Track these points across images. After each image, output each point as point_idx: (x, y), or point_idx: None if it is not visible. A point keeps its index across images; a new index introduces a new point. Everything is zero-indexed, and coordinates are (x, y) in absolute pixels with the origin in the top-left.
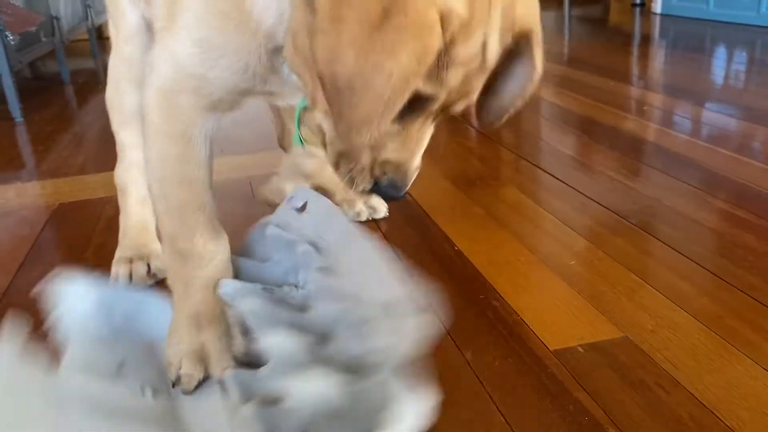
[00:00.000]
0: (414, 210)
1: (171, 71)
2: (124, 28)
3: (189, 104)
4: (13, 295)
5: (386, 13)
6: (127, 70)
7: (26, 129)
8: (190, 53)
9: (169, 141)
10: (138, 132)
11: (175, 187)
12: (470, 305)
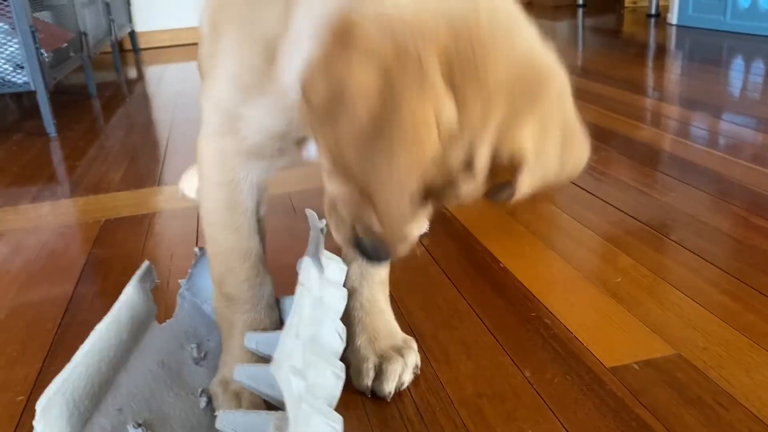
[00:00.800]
0: (454, 226)
1: (213, 115)
2: None
3: (232, 149)
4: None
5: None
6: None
7: (60, 144)
8: (228, 92)
9: (217, 188)
10: None
11: (222, 233)
12: (523, 323)
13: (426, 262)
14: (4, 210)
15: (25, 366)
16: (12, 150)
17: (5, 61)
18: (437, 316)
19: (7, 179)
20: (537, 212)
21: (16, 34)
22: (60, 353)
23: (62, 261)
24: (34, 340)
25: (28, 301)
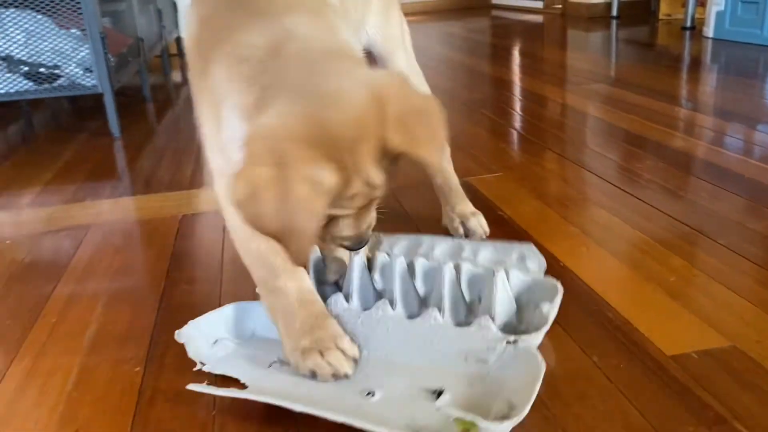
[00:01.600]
0: (512, 227)
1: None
2: None
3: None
4: (171, 296)
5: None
6: None
7: (123, 144)
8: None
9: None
10: None
11: (251, 241)
12: (587, 316)
13: None
14: (87, 204)
15: (135, 342)
16: (82, 149)
17: (76, 65)
18: None
19: (82, 176)
20: (590, 216)
21: (86, 39)
22: (165, 330)
23: (150, 252)
24: (139, 319)
25: (126, 286)
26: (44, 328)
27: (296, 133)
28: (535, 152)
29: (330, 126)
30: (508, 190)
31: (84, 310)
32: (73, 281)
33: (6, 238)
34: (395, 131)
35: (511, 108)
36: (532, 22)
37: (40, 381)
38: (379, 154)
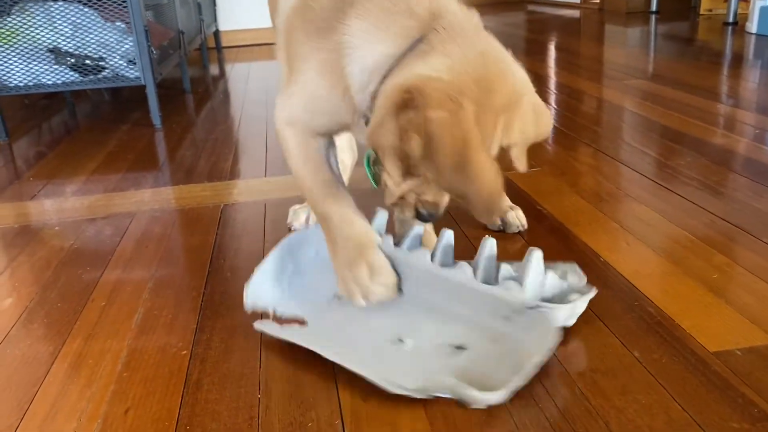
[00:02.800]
0: (553, 223)
1: (290, 114)
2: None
3: (302, 130)
4: (215, 283)
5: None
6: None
7: (164, 135)
8: (301, 113)
9: (295, 147)
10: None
11: (303, 168)
12: (627, 311)
13: None
14: (131, 193)
15: (182, 326)
16: (124, 139)
17: (120, 57)
18: None
19: (126, 166)
20: (629, 212)
21: (131, 32)
22: (209, 316)
23: (193, 240)
24: (184, 305)
25: (170, 273)
26: (94, 311)
27: (467, 92)
28: (573, 147)
29: (491, 93)
30: (547, 184)
31: (131, 295)
32: (120, 267)
33: (54, 225)
34: (523, 124)
35: (548, 102)
36: (568, 17)
37: (91, 362)
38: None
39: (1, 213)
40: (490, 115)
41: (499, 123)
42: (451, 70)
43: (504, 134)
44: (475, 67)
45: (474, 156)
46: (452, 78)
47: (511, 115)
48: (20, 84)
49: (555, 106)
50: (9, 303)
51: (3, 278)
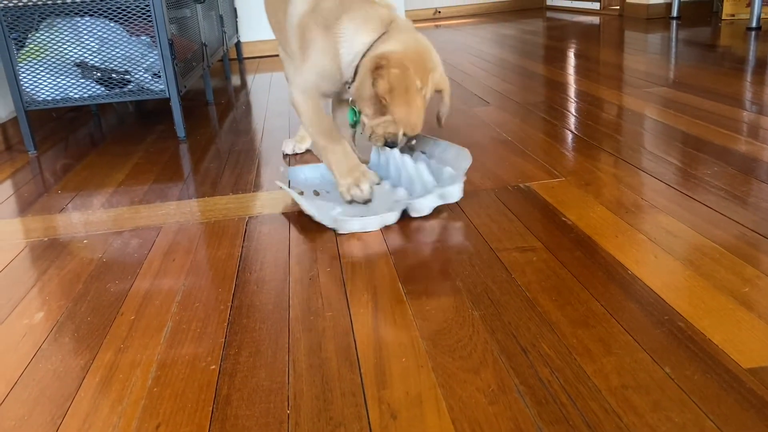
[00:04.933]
0: (578, 234)
1: (304, 84)
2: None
3: (314, 94)
4: (242, 295)
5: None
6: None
7: (189, 147)
8: (314, 79)
9: (310, 108)
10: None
11: (315, 117)
12: (656, 325)
13: (555, 265)
14: (157, 206)
15: (210, 340)
16: (149, 151)
17: (145, 71)
18: (573, 315)
19: (152, 178)
20: (656, 223)
21: (156, 46)
22: (237, 330)
23: (220, 253)
24: (212, 318)
25: (198, 286)
26: (123, 325)
27: (410, 60)
28: (596, 156)
29: (421, 61)
30: (571, 195)
31: (159, 308)
32: (148, 281)
33: (83, 238)
34: (440, 76)
35: (570, 111)
36: (587, 23)
37: (121, 376)
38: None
39: (30, 226)
40: (424, 73)
41: (429, 78)
42: (401, 48)
43: (432, 85)
44: (413, 47)
45: (413, 95)
46: (402, 52)
47: (433, 74)
48: (48, 98)
49: (578, 115)
50: (40, 317)
51: (34, 292)
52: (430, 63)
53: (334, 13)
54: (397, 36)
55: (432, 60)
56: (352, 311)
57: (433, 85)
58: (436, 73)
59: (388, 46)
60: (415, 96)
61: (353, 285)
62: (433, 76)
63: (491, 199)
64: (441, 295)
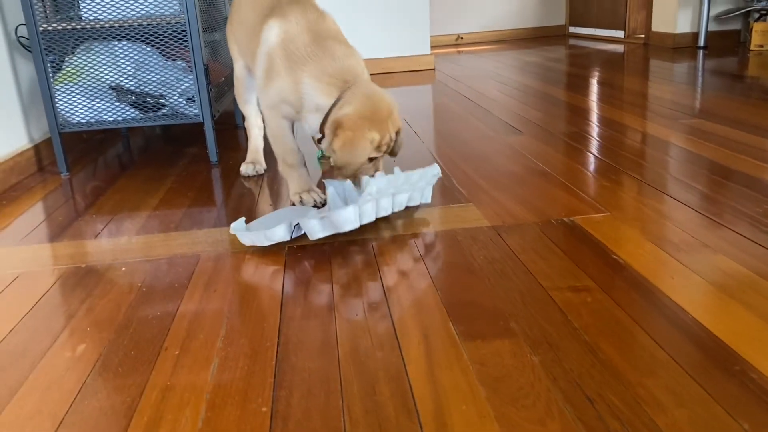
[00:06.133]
0: (633, 275)
1: (270, 101)
2: (238, 69)
3: (278, 113)
4: (288, 332)
5: (353, 147)
6: (240, 85)
7: (221, 172)
8: (277, 101)
9: (275, 125)
10: (249, 108)
11: (282, 138)
12: (728, 376)
13: (611, 307)
14: (193, 233)
15: (259, 379)
16: (182, 175)
17: (179, 95)
18: (637, 363)
19: (187, 203)
20: (712, 263)
21: (191, 70)
22: (287, 369)
23: (261, 283)
24: (259, 356)
25: (242, 320)
26: (168, 361)
27: (363, 117)
28: (639, 190)
29: (377, 114)
30: (618, 231)
31: (204, 343)
32: (190, 313)
33: (120, 266)
34: (397, 119)
35: (604, 141)
36: (612, 51)
37: (170, 417)
38: (392, 129)
39: (66, 252)
40: (381, 123)
41: (388, 125)
42: (355, 109)
43: (392, 128)
44: (368, 104)
45: (356, 151)
46: (357, 113)
47: (390, 120)
48: (83, 120)
49: (611, 145)
50: (82, 349)
51: (75, 322)
52: (385, 112)
53: (299, 59)
54: (352, 98)
55: (386, 108)
56: (403, 352)
57: (393, 128)
58: (392, 117)
59: (344, 109)
60: (358, 154)
61: (402, 323)
62: (391, 121)
63: (536, 234)
64: (496, 338)
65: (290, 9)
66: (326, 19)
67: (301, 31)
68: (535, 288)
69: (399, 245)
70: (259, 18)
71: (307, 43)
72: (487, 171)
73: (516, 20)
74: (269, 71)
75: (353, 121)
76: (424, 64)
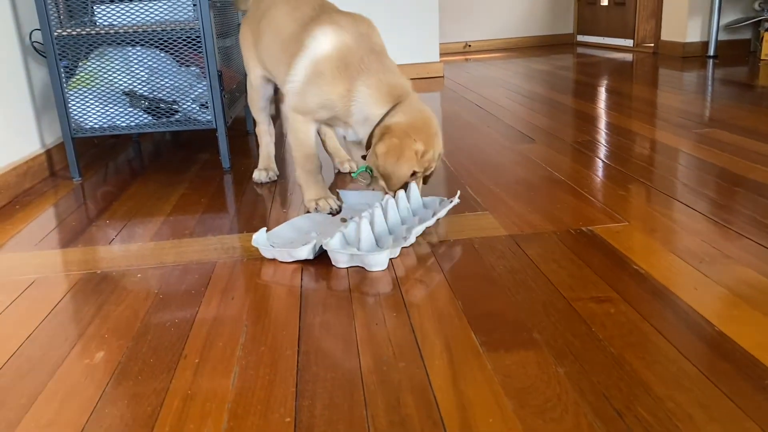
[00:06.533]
0: (654, 285)
1: (303, 107)
2: (254, 77)
3: (310, 119)
4: (308, 340)
5: (400, 155)
6: (255, 92)
7: (233, 178)
8: (315, 107)
9: (303, 130)
10: (263, 115)
11: (305, 142)
12: (758, 390)
13: (635, 318)
14: (208, 239)
15: (281, 389)
16: (195, 181)
17: (192, 101)
18: (665, 375)
19: (200, 209)
20: (734, 274)
21: (204, 77)
22: (309, 379)
23: (279, 290)
24: (280, 364)
25: (262, 328)
26: (188, 369)
27: (413, 128)
28: (656, 200)
29: (426, 129)
30: (638, 242)
31: (223, 351)
32: (208, 320)
33: (136, 272)
34: (439, 142)
35: (618, 150)
36: (620, 60)
37: (192, 426)
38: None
39: (81, 257)
40: (428, 137)
41: (434, 142)
42: (406, 120)
43: (438, 147)
44: (419, 117)
45: (402, 159)
46: (407, 123)
47: (436, 138)
48: (96, 126)
49: (625, 154)
50: (101, 357)
51: (92, 329)
52: (433, 129)
53: (354, 70)
54: (405, 109)
55: (435, 126)
56: (426, 363)
57: (439, 147)
58: (438, 137)
59: (395, 118)
60: (403, 164)
61: (423, 333)
62: (437, 140)
63: (554, 243)
64: (520, 348)
65: (342, 18)
66: (375, 32)
67: (356, 41)
68: (557, 298)
69: (417, 253)
70: (300, 25)
71: (364, 54)
72: (502, 179)
73: (523, 28)
74: (314, 77)
75: (402, 129)
76: (433, 72)
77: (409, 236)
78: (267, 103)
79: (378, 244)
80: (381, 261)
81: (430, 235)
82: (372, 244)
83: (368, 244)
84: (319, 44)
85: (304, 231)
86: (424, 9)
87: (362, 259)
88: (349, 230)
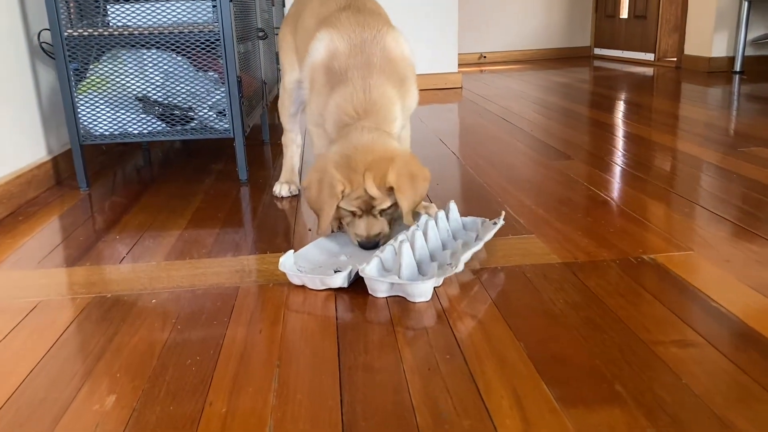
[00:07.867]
0: (739, 326)
1: (312, 120)
2: (289, 80)
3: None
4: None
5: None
6: (288, 96)
7: (250, 190)
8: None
9: (320, 146)
10: (292, 122)
11: (319, 140)
12: None
13: (730, 369)
14: (229, 260)
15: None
16: (210, 194)
17: (209, 108)
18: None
19: (218, 225)
20: None
21: (222, 83)
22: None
23: (312, 324)
24: (321, 418)
25: (296, 370)
26: (214, 420)
27: (334, 162)
28: (715, 224)
29: (352, 161)
30: (709, 273)
31: (254, 399)
32: (234, 359)
33: (150, 297)
34: (393, 174)
35: (662, 168)
36: (641, 74)
37: None
38: (379, 181)
39: (89, 278)
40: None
41: (366, 175)
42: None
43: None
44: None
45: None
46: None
47: (380, 167)
48: (106, 132)
49: (670, 172)
50: (112, 401)
51: (102, 365)
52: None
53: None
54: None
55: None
56: (495, 422)
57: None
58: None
59: (334, 146)
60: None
61: (485, 382)
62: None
63: (616, 274)
64: (602, 404)
65: (349, 21)
66: (385, 41)
67: (350, 49)
68: (634, 341)
69: (461, 281)
70: (317, 24)
71: (352, 65)
72: (543, 199)
73: (539, 40)
74: (311, 84)
75: (327, 162)
76: (451, 83)
77: (457, 263)
78: (298, 109)
79: (420, 271)
80: (425, 291)
81: (470, 260)
82: (414, 271)
83: (410, 272)
84: (316, 49)
85: (333, 253)
86: (444, 18)
87: (404, 288)
88: (387, 255)
